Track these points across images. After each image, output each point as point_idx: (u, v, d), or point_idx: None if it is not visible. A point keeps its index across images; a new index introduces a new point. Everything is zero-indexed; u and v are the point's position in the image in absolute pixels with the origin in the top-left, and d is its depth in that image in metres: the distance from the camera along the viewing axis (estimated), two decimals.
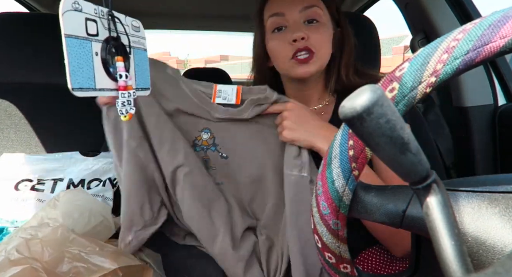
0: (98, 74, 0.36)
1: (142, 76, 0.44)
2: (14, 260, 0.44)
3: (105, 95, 0.37)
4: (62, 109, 0.90)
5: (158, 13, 1.62)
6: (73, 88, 0.32)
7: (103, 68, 0.37)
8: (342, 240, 0.32)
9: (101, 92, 0.36)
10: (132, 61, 0.41)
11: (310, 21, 0.63)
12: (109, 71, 0.37)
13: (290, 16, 0.63)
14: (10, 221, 0.73)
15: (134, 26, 0.42)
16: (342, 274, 0.34)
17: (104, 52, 0.37)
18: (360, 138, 0.20)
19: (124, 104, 0.39)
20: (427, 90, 0.26)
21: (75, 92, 0.33)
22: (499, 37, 0.22)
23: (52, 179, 0.79)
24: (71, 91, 0.32)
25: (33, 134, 0.87)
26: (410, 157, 0.20)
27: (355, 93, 0.18)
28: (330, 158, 0.30)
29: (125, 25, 0.40)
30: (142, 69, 0.43)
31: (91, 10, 0.35)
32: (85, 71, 0.34)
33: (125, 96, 0.39)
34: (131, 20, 0.42)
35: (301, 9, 0.63)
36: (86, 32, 0.34)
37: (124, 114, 0.39)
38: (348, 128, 0.29)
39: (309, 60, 0.62)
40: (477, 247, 0.24)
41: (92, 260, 0.45)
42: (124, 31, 0.40)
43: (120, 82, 0.38)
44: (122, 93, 0.38)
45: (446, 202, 0.22)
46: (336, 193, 0.29)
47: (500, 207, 0.24)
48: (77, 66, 0.33)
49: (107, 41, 0.37)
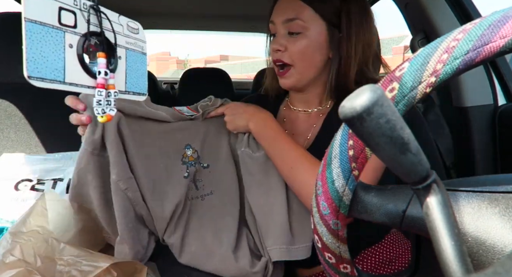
0: (71, 67, 0.34)
1: (136, 80, 0.42)
2: (8, 263, 0.43)
3: (78, 90, 0.35)
4: (62, 109, 0.89)
5: (158, 13, 1.62)
6: (30, 76, 0.30)
7: (78, 62, 0.35)
8: (342, 240, 0.32)
9: (71, 86, 0.34)
10: (123, 62, 0.40)
11: (291, 33, 0.64)
12: (87, 67, 0.36)
13: (277, 26, 0.65)
14: (10, 221, 0.73)
15: (131, 27, 0.41)
16: (342, 274, 0.34)
17: (81, 46, 0.35)
18: (360, 138, 0.20)
19: (100, 103, 0.37)
20: (427, 90, 0.26)
21: (32, 81, 0.31)
22: (499, 37, 0.22)
23: (52, 179, 0.79)
24: (27, 79, 0.30)
25: (33, 134, 0.87)
26: (410, 157, 0.20)
27: (355, 93, 0.18)
28: (330, 158, 0.30)
29: (116, 23, 0.39)
30: (137, 73, 0.42)
31: (70, 0, 0.34)
32: (50, 61, 0.32)
33: (102, 95, 0.37)
34: (127, 20, 0.41)
35: (283, 20, 0.64)
36: (58, 21, 0.32)
37: (101, 114, 0.37)
38: (348, 128, 0.29)
39: (284, 73, 0.66)
40: (477, 247, 0.24)
41: (85, 262, 0.44)
42: (111, 28, 0.38)
43: (99, 79, 0.36)
44: (99, 90, 0.36)
45: (446, 202, 0.22)
46: (336, 193, 0.29)
47: (500, 207, 0.24)
48: (39, 54, 0.31)
49: (85, 35, 0.35)
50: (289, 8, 0.63)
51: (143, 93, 0.44)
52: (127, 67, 0.41)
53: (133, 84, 0.42)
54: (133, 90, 0.42)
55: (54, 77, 0.33)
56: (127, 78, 0.41)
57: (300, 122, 0.73)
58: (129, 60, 0.41)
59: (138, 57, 0.43)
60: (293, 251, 0.58)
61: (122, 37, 0.40)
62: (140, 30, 0.43)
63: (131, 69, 0.41)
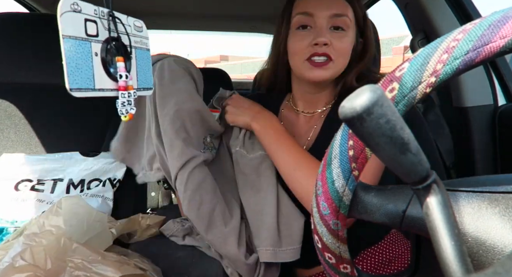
0: (98, 75, 0.36)
1: (144, 76, 0.44)
2: (18, 267, 0.43)
3: (105, 95, 0.37)
4: (62, 109, 0.90)
5: (158, 13, 1.62)
6: (71, 89, 0.32)
7: (103, 68, 0.37)
8: (342, 241, 0.32)
9: (100, 92, 0.36)
10: (133, 61, 0.41)
11: (336, 28, 0.63)
12: (109, 71, 0.38)
13: (318, 19, 0.63)
14: (10, 221, 0.73)
15: (137, 26, 0.42)
16: (342, 275, 0.34)
17: (104, 52, 0.37)
18: (360, 138, 0.20)
19: (124, 104, 0.39)
20: (427, 90, 0.26)
21: (73, 93, 0.33)
22: (499, 37, 0.22)
23: (52, 179, 0.79)
24: (69, 92, 0.32)
25: (33, 134, 0.87)
26: (410, 157, 0.20)
27: (355, 93, 0.18)
28: (330, 158, 0.30)
29: (127, 25, 0.40)
30: (144, 69, 0.44)
31: (91, 11, 0.35)
32: (83, 72, 0.34)
33: (125, 96, 0.39)
34: (133, 20, 0.42)
35: (331, 15, 0.62)
36: (85, 33, 0.34)
37: (125, 114, 0.39)
38: (348, 128, 0.29)
39: (325, 65, 0.62)
40: (477, 247, 0.24)
41: (94, 269, 0.45)
42: (125, 31, 0.40)
43: (121, 82, 0.38)
44: (122, 93, 0.39)
45: (446, 202, 0.22)
46: (336, 193, 0.29)
47: (500, 207, 0.24)
48: (75, 66, 0.33)
49: (107, 41, 0.37)
50: (335, 4, 0.63)
51: (150, 88, 0.45)
52: (137, 65, 0.42)
53: (143, 81, 0.44)
54: (143, 86, 0.44)
55: (87, 86, 0.35)
56: (138, 75, 0.43)
57: (301, 123, 0.73)
58: (138, 58, 0.42)
59: (144, 54, 0.44)
60: (280, 253, 0.58)
61: (132, 38, 0.41)
62: (143, 28, 0.44)
63: (140, 67, 0.43)
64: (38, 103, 0.89)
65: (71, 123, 0.89)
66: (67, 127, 0.89)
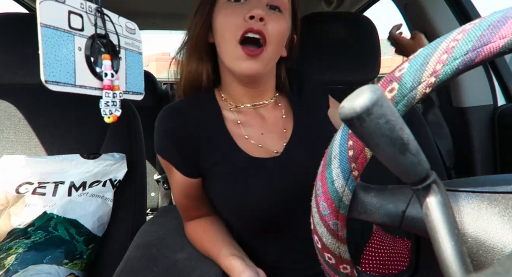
0: (80, 70, 0.34)
1: (135, 79, 0.43)
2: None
3: (86, 92, 0.35)
4: (62, 110, 0.90)
5: (158, 13, 1.62)
6: (47, 81, 0.31)
7: (87, 65, 0.35)
8: (341, 241, 0.32)
9: (81, 89, 0.34)
10: (123, 63, 0.40)
11: (273, 7, 0.54)
12: (94, 69, 0.36)
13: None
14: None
15: (129, 27, 0.42)
16: (342, 275, 0.34)
17: (89, 49, 0.35)
18: (359, 138, 0.20)
19: (108, 104, 0.37)
20: (426, 91, 0.26)
21: (48, 85, 0.31)
22: (499, 38, 0.22)
23: (53, 182, 0.79)
24: (45, 84, 0.30)
25: (32, 135, 0.87)
26: (409, 158, 0.20)
27: (355, 93, 0.18)
28: (329, 159, 0.30)
29: (117, 25, 0.39)
30: (135, 73, 0.42)
31: (77, 3, 0.34)
32: (63, 65, 0.32)
33: (110, 96, 0.37)
34: (125, 21, 0.41)
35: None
36: (68, 25, 0.33)
37: (108, 115, 0.37)
38: (347, 128, 0.29)
39: (258, 54, 0.52)
40: (477, 247, 0.24)
41: None
42: (114, 30, 0.39)
43: (105, 80, 0.36)
44: (106, 92, 0.36)
45: (446, 203, 0.22)
46: (336, 193, 0.29)
47: (500, 208, 0.24)
48: (54, 58, 0.31)
49: (92, 37, 0.36)
50: None
51: (141, 92, 0.44)
52: (127, 67, 0.41)
53: (132, 84, 0.43)
54: (132, 90, 0.43)
55: (67, 80, 0.33)
56: (127, 78, 0.42)
57: (263, 117, 0.62)
58: (128, 60, 0.42)
59: (136, 57, 0.43)
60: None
61: (122, 38, 0.41)
62: (136, 30, 0.43)
63: (130, 69, 0.42)
64: (38, 103, 0.89)
65: (71, 124, 0.89)
66: (67, 128, 0.89)
